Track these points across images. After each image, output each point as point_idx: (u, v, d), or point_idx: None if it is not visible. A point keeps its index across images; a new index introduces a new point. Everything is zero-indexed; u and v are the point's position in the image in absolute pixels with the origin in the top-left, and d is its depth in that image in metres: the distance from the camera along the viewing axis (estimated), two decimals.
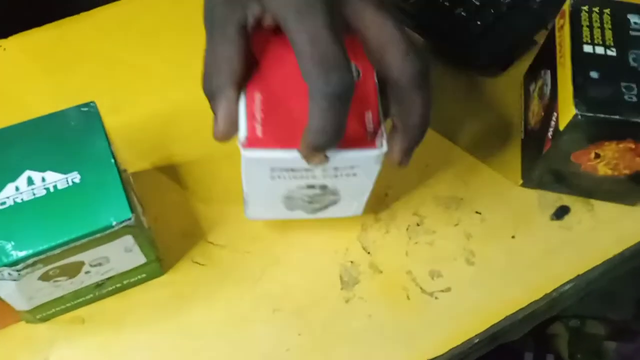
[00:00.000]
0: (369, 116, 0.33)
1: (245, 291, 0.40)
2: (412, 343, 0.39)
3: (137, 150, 0.44)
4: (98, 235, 0.32)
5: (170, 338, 0.38)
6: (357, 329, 0.39)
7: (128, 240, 0.34)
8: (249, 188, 0.35)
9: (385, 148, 0.32)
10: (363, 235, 0.42)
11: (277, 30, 0.31)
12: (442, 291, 0.40)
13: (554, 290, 0.41)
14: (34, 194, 0.32)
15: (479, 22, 0.47)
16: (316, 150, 0.30)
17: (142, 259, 0.37)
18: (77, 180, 0.33)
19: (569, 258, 0.42)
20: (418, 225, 0.42)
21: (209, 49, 0.31)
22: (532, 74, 0.45)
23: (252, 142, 0.31)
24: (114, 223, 0.32)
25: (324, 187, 0.35)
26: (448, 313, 0.40)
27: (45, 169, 0.33)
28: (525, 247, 0.42)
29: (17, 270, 0.31)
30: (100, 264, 0.35)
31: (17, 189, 0.32)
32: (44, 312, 0.37)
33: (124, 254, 0.35)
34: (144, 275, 0.39)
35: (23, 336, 0.38)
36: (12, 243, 0.31)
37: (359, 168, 0.33)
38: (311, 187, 0.34)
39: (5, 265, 0.31)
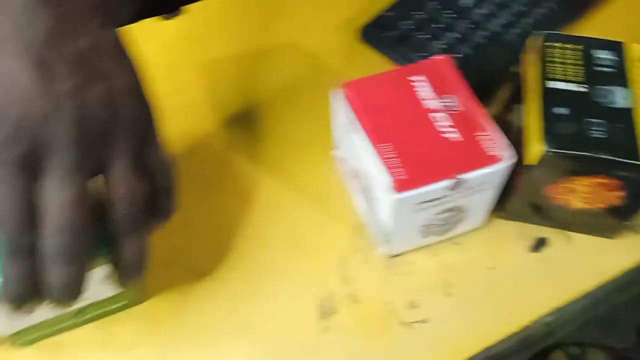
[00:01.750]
0: (482, 136, 0.37)
1: (222, 319, 0.40)
2: None
3: None
4: None
5: None
6: (335, 358, 0.39)
7: (105, 269, 0.35)
8: (396, 226, 0.38)
9: (511, 157, 0.37)
10: (341, 265, 0.42)
11: (368, 84, 0.39)
12: (420, 322, 0.40)
13: (533, 322, 0.41)
14: None
15: (459, 55, 0.48)
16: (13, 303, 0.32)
17: (121, 288, 0.38)
18: None
19: (546, 290, 0.42)
20: (397, 255, 0.43)
21: None
22: (509, 107, 0.46)
23: (401, 185, 0.35)
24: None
25: (456, 209, 0.39)
26: (425, 344, 0.40)
27: None
28: (504, 278, 0.42)
29: None
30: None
31: None
32: (25, 337, 0.38)
33: (101, 283, 0.36)
34: (124, 302, 0.39)
35: None
36: None
37: (488, 183, 0.38)
38: (447, 210, 0.39)
39: None
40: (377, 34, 0.51)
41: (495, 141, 0.37)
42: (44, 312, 0.36)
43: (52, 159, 0.29)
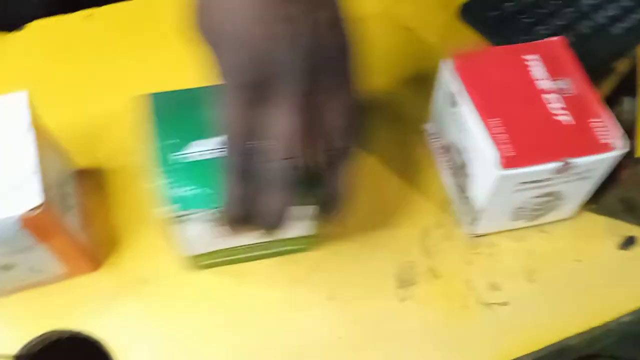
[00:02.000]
0: (595, 122, 0.36)
1: (302, 276, 0.40)
2: (463, 351, 0.38)
3: None
4: None
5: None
6: (409, 329, 0.39)
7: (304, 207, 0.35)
8: (490, 204, 0.38)
9: (624, 147, 0.36)
10: (424, 238, 0.42)
11: (480, 58, 0.38)
12: (500, 304, 0.40)
13: (614, 320, 0.40)
14: None
15: None
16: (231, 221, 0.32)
17: (309, 231, 0.38)
18: None
19: (631, 290, 0.41)
20: (480, 236, 0.42)
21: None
22: (609, 100, 0.45)
23: (508, 162, 0.35)
24: None
25: (554, 194, 0.38)
26: (503, 327, 0.39)
27: None
28: (589, 272, 0.41)
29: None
30: None
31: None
32: (207, 261, 0.39)
33: (298, 220, 0.36)
34: (302, 246, 0.40)
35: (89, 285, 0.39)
36: None
37: (594, 171, 0.37)
38: (545, 195, 0.38)
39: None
40: (477, 13, 0.50)
41: (608, 129, 0.36)
42: (236, 240, 0.37)
43: (282, 86, 0.29)
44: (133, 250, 0.41)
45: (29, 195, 0.31)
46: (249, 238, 0.37)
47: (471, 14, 0.51)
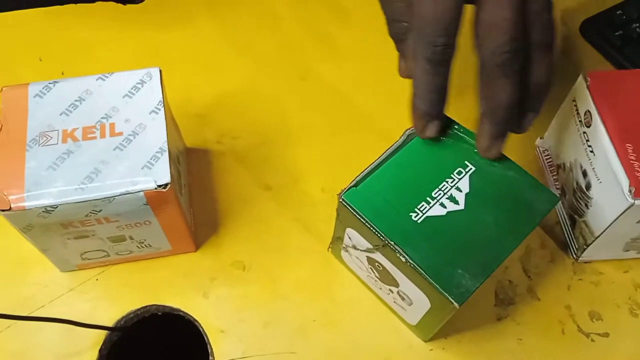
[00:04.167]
0: None
1: None
2: None
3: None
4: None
5: None
6: (504, 349, 0.38)
7: None
8: (607, 232, 0.37)
9: None
10: (526, 258, 0.41)
11: (616, 80, 0.37)
12: (600, 335, 0.39)
13: None
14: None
15: None
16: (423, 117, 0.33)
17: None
18: None
19: None
20: (586, 262, 0.41)
21: None
22: None
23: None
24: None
25: None
26: (600, 358, 0.38)
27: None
28: None
29: None
30: None
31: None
32: None
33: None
34: None
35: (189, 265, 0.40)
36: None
37: None
38: None
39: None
40: (598, 30, 0.48)
41: None
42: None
43: None
44: (233, 235, 0.41)
45: (157, 172, 0.32)
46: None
47: (591, 31, 0.49)
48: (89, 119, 0.33)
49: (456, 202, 0.32)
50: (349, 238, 0.35)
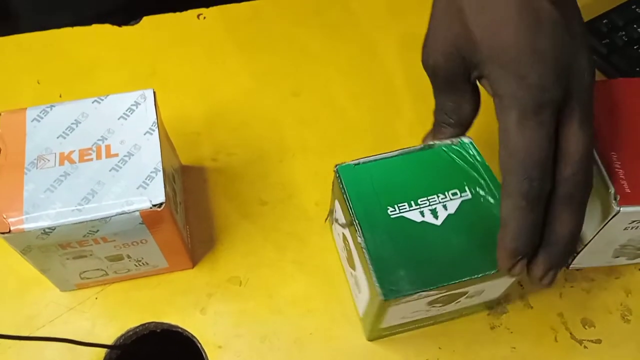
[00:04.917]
0: None
1: None
2: None
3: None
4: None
5: None
6: (498, 357, 0.38)
7: None
8: (595, 240, 0.37)
9: None
10: None
11: (601, 89, 0.37)
12: (593, 341, 0.39)
13: None
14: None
15: None
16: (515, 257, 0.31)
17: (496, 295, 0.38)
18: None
19: None
20: (577, 269, 0.41)
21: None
22: None
23: (625, 199, 0.34)
24: None
25: None
26: None
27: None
28: None
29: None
30: (474, 295, 0.35)
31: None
32: (383, 332, 0.38)
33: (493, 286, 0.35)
34: (479, 309, 0.40)
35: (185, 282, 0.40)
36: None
37: None
38: None
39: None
40: None
41: None
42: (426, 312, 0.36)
43: (574, 101, 0.29)
44: (229, 251, 0.42)
45: (152, 191, 0.32)
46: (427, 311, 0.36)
47: None
48: (85, 141, 0.34)
49: (435, 217, 0.33)
50: (335, 211, 0.37)
